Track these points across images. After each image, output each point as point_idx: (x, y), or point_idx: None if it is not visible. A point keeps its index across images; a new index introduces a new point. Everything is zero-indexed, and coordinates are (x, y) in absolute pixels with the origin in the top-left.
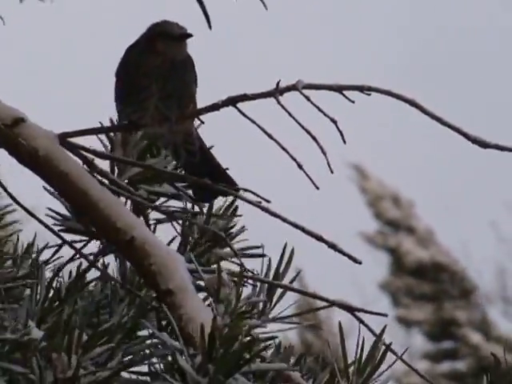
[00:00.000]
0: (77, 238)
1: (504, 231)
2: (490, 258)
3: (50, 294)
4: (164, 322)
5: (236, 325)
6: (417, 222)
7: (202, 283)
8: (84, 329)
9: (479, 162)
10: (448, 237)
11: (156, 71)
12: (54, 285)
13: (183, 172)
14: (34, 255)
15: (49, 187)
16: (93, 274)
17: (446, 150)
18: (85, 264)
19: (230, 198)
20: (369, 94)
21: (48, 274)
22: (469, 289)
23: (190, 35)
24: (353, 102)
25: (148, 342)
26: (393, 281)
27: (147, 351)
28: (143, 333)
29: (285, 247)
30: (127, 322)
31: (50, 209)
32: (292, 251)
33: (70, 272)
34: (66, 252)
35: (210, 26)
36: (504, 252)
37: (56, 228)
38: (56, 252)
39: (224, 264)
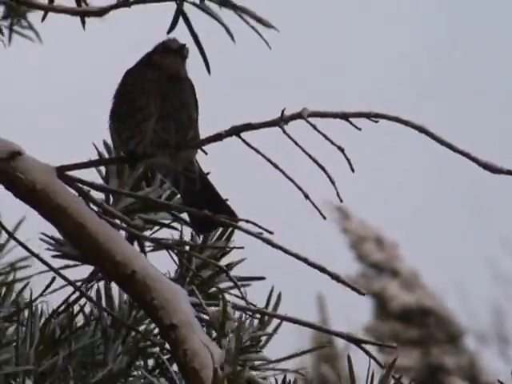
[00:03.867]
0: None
1: (501, 268)
2: (486, 296)
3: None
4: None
5: (237, 375)
6: (401, 264)
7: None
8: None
9: (475, 197)
10: (438, 277)
11: (153, 87)
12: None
13: (182, 201)
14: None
15: None
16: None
17: (441, 187)
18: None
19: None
20: (376, 121)
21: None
22: (456, 333)
23: (183, 46)
24: (359, 129)
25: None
26: (378, 325)
27: None
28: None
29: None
30: (122, 361)
31: (44, 233)
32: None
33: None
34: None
35: (208, 72)
36: (501, 290)
37: (50, 254)
38: (48, 286)
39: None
